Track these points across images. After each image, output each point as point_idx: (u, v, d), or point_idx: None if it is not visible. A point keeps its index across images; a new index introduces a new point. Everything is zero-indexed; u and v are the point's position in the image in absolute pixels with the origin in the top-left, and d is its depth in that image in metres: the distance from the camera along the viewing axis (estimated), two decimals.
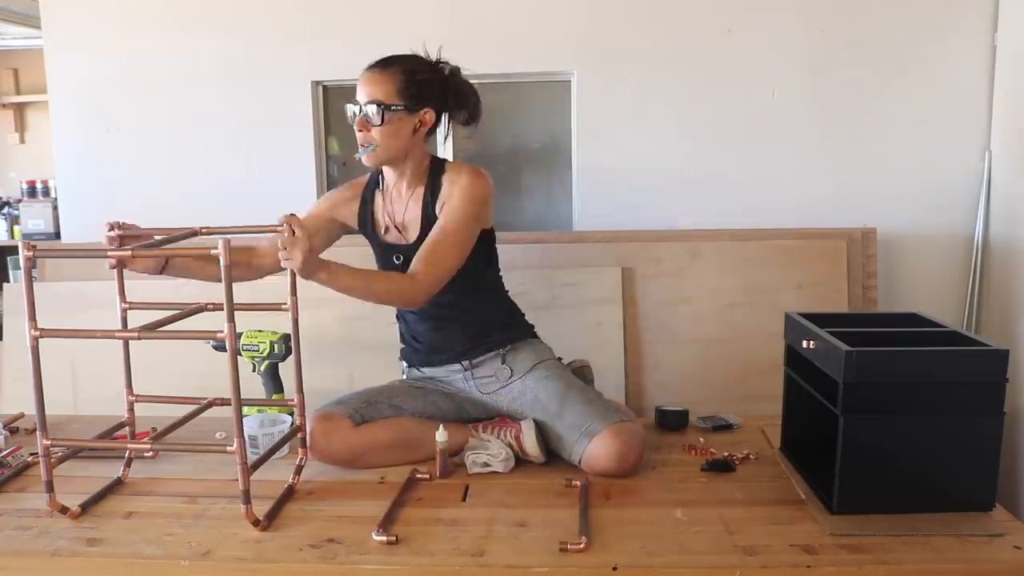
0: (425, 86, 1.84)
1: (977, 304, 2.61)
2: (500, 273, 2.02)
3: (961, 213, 2.64)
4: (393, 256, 1.94)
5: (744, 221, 2.68)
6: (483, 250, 1.92)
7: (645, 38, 2.68)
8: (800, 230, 2.63)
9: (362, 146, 1.84)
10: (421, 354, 2.01)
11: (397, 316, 2.06)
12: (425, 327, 1.96)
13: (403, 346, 2.07)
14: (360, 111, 1.81)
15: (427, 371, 2.01)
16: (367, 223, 1.99)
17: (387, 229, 1.96)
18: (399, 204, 1.93)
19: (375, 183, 1.99)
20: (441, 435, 1.75)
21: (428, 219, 1.87)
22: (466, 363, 1.95)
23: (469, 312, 1.93)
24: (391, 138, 1.82)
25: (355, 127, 1.83)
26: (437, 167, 1.92)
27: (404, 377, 2.06)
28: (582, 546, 1.41)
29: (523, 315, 2.04)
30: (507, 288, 2.05)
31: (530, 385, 1.91)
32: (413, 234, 1.90)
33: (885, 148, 2.66)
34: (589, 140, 2.74)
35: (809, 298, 2.50)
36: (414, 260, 1.78)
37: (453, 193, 1.84)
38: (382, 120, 1.79)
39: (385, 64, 1.82)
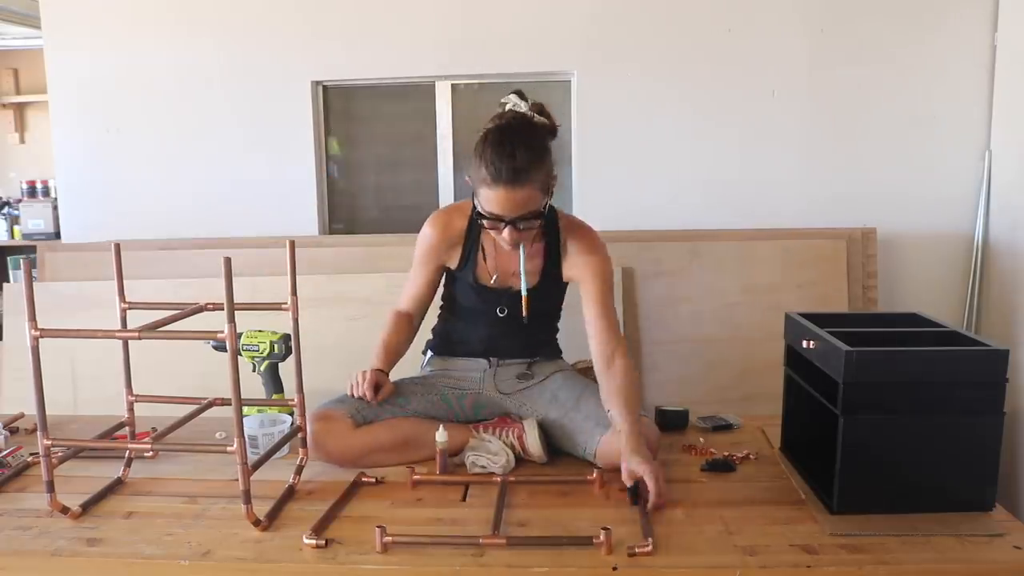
0: (551, 164, 1.77)
1: (977, 304, 2.61)
2: None
3: (961, 213, 2.64)
4: (495, 304, 1.90)
5: (744, 221, 2.69)
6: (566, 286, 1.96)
7: (645, 38, 2.68)
8: (800, 230, 2.63)
9: (514, 246, 1.78)
10: (454, 345, 2.01)
11: (444, 310, 2.06)
12: (488, 332, 1.96)
13: (431, 338, 2.08)
14: (508, 225, 1.71)
15: (450, 361, 2.01)
16: (468, 268, 1.91)
17: (494, 278, 1.90)
18: (514, 255, 1.85)
19: (478, 226, 1.84)
20: (441, 435, 1.75)
21: (548, 275, 1.90)
22: (494, 360, 1.97)
23: (536, 335, 1.98)
24: (538, 226, 1.79)
25: (502, 235, 1.74)
26: (550, 216, 1.88)
27: (424, 366, 2.06)
28: (649, 549, 1.40)
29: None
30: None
31: (548, 384, 1.95)
32: (528, 283, 1.86)
33: (885, 148, 2.66)
34: (589, 140, 2.74)
35: (809, 298, 2.50)
36: (605, 339, 1.81)
37: (592, 257, 1.87)
38: (536, 225, 1.76)
39: (523, 175, 1.67)
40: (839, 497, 1.53)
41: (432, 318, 2.07)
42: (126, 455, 1.80)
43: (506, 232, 1.72)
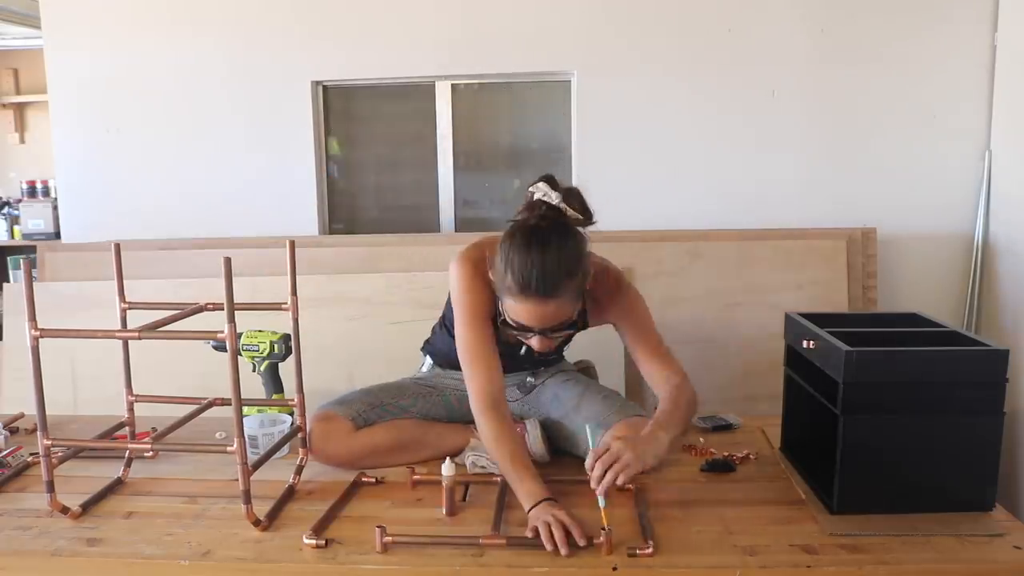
0: (586, 268, 1.58)
1: (977, 304, 2.61)
2: None
3: (961, 213, 2.64)
4: (519, 350, 1.71)
5: (744, 221, 2.69)
6: None
7: (645, 38, 2.68)
8: (800, 230, 2.63)
9: (544, 352, 1.65)
10: (455, 362, 1.81)
11: (445, 334, 1.93)
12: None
13: (435, 342, 2.02)
14: (537, 334, 1.57)
15: (450, 371, 1.99)
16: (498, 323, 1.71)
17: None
18: None
19: None
20: (448, 469, 1.57)
21: (574, 327, 1.72)
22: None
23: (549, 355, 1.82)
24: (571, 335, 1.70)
25: (530, 342, 1.61)
26: None
27: (423, 369, 2.04)
28: (650, 552, 1.39)
29: None
30: None
31: (549, 385, 1.94)
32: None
33: (885, 148, 2.66)
34: (589, 140, 2.74)
35: (809, 298, 2.51)
36: (661, 373, 1.72)
37: (631, 298, 1.77)
38: (569, 335, 1.67)
39: (556, 289, 1.50)
40: (839, 497, 1.53)
41: (428, 319, 2.07)
42: (126, 455, 1.80)
43: (535, 341, 1.58)
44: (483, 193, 2.99)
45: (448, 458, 1.61)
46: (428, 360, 2.04)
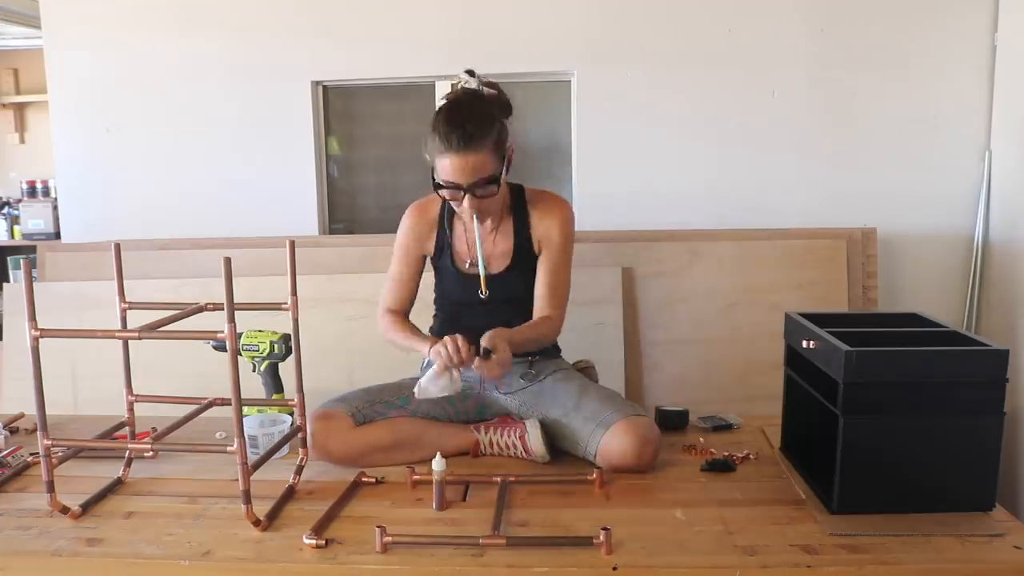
0: (504, 130, 1.83)
1: (977, 304, 2.61)
2: None
3: (961, 213, 2.64)
4: (477, 289, 1.91)
5: (744, 221, 2.68)
6: None
7: (645, 38, 2.68)
8: (800, 230, 2.63)
9: (475, 216, 1.81)
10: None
11: (437, 311, 2.07)
12: (478, 325, 1.89)
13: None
14: (466, 191, 1.77)
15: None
16: (445, 255, 1.98)
17: (469, 262, 1.94)
18: (485, 238, 1.92)
19: (449, 212, 1.96)
20: (438, 463, 1.61)
21: (521, 251, 1.93)
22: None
23: (520, 313, 1.96)
24: (499, 196, 1.84)
25: (460, 203, 1.80)
26: (516, 194, 1.96)
27: (424, 368, 2.05)
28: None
29: None
30: None
31: (548, 384, 1.94)
32: (501, 265, 1.93)
33: (885, 148, 2.66)
34: (589, 140, 2.74)
35: (809, 298, 2.50)
36: (541, 301, 1.91)
37: (552, 230, 1.92)
38: (494, 192, 1.80)
39: (474, 139, 1.74)
40: (839, 497, 1.53)
41: (429, 319, 2.07)
42: (126, 455, 1.80)
43: (465, 201, 1.77)
44: None
45: (439, 454, 1.61)
46: (426, 363, 2.05)
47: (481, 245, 1.86)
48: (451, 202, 1.84)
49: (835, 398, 1.52)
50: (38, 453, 1.53)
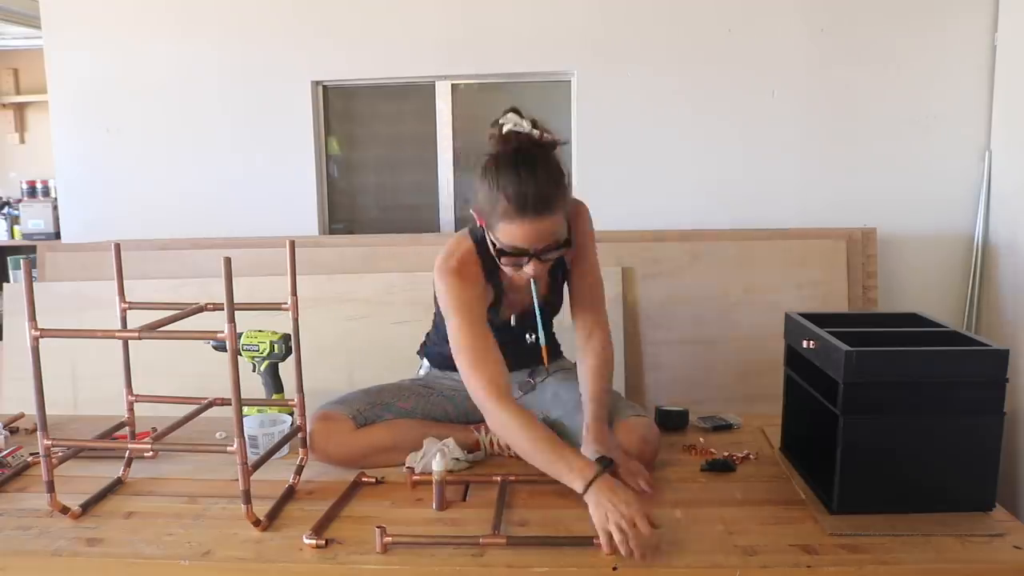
0: (569, 184, 1.59)
1: (977, 304, 2.61)
2: None
3: (961, 213, 2.64)
4: (526, 334, 1.77)
5: (744, 221, 2.69)
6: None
7: (645, 38, 2.68)
8: (800, 230, 2.63)
9: (534, 280, 1.64)
10: (453, 364, 1.84)
11: (442, 334, 1.94)
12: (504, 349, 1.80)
13: (430, 345, 2.04)
14: (533, 257, 1.56)
15: (448, 372, 1.99)
16: (495, 310, 1.78)
17: (513, 316, 1.80)
18: (525, 285, 1.70)
19: (489, 261, 1.67)
20: (438, 463, 1.58)
21: (556, 276, 1.79)
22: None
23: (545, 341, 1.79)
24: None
25: (524, 269, 1.59)
26: None
27: (421, 372, 2.05)
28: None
29: None
30: None
31: (549, 384, 1.94)
32: (543, 297, 1.77)
33: (885, 148, 2.66)
34: (589, 140, 2.74)
35: (809, 298, 2.51)
36: (585, 321, 1.76)
37: (583, 232, 1.73)
38: (570, 247, 1.63)
39: (553, 203, 1.52)
40: (839, 497, 1.53)
41: (428, 320, 2.07)
42: (126, 455, 1.80)
43: (530, 267, 1.57)
44: None
45: (439, 453, 1.61)
46: (425, 363, 2.04)
47: (538, 303, 1.69)
48: (506, 267, 1.62)
49: (835, 398, 1.52)
50: (38, 453, 1.53)
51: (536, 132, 1.58)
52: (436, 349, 1.99)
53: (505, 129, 1.58)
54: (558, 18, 2.70)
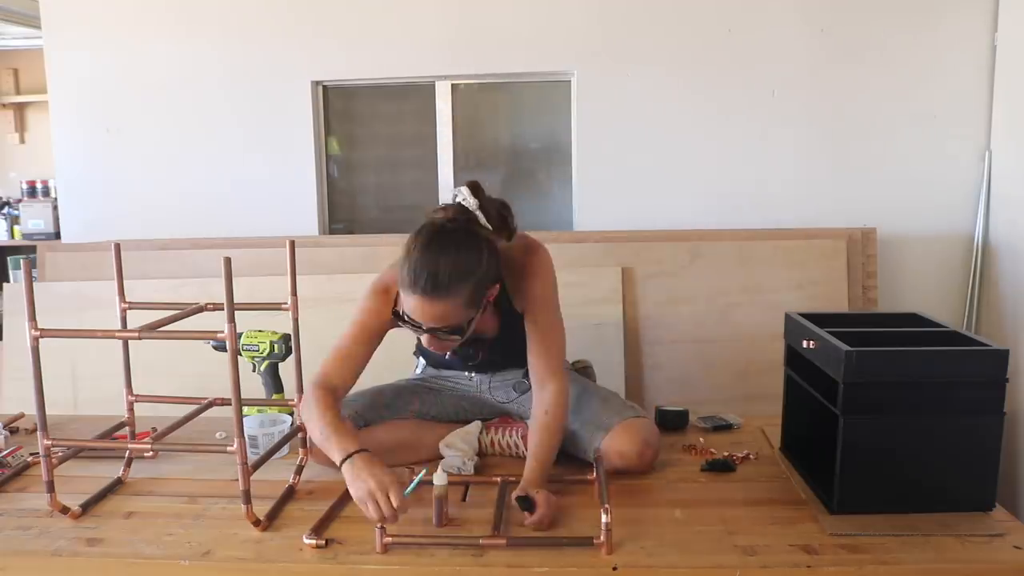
0: (486, 278, 1.56)
1: (977, 304, 2.61)
2: None
3: (961, 213, 2.64)
4: (467, 362, 1.87)
5: (744, 221, 2.69)
6: None
7: (645, 38, 2.68)
8: (800, 230, 2.63)
9: (444, 351, 1.67)
10: (442, 363, 1.96)
11: (421, 356, 2.03)
12: (472, 366, 1.91)
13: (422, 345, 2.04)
14: (426, 332, 1.57)
15: (444, 371, 2.00)
16: (421, 342, 1.75)
17: (447, 354, 1.82)
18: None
19: None
20: (439, 478, 1.55)
21: (508, 320, 1.76)
22: (487, 375, 1.96)
23: (521, 354, 1.79)
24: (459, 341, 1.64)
25: (423, 338, 1.61)
26: None
27: (417, 372, 2.05)
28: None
29: None
30: None
31: None
32: (489, 332, 1.79)
33: (885, 148, 2.66)
34: (589, 140, 2.74)
35: (809, 298, 2.51)
36: (538, 369, 1.70)
37: (529, 291, 1.71)
38: (457, 340, 1.62)
39: (443, 290, 1.50)
40: (839, 497, 1.53)
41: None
42: (126, 455, 1.80)
43: (424, 338, 1.59)
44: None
45: (440, 467, 1.60)
46: (421, 362, 2.05)
47: (486, 332, 1.73)
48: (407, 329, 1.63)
49: (835, 398, 1.52)
50: (38, 453, 1.53)
51: (479, 215, 1.58)
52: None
53: (455, 200, 1.60)
54: (558, 18, 2.70)
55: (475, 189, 1.61)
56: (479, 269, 1.54)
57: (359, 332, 1.71)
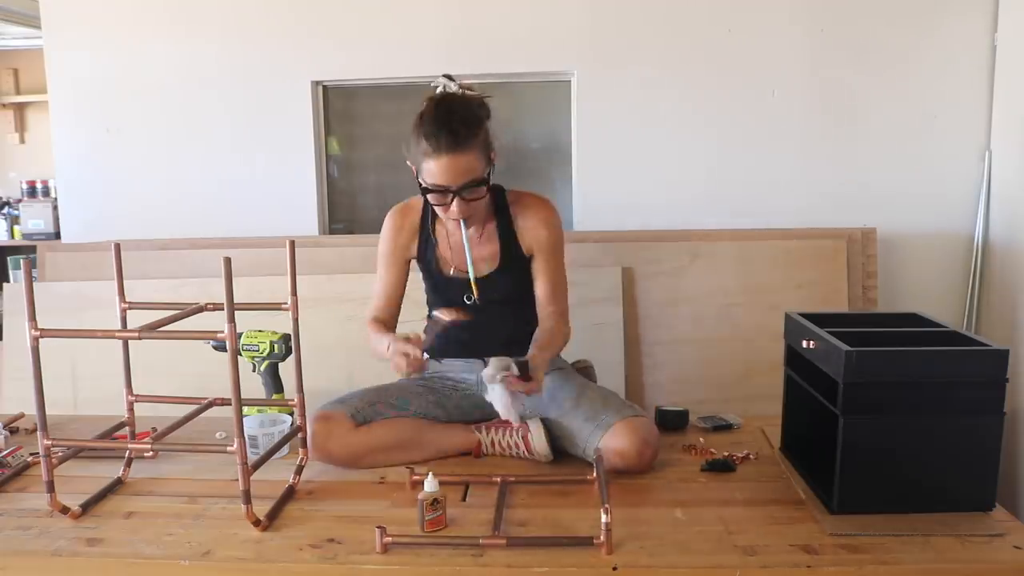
0: (488, 133, 1.81)
1: (977, 304, 2.61)
2: None
3: (961, 213, 2.64)
4: (464, 295, 1.93)
5: (744, 221, 2.68)
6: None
7: (645, 38, 2.68)
8: (800, 230, 2.63)
9: (461, 219, 1.80)
10: (443, 347, 1.99)
11: (429, 312, 2.04)
12: (474, 333, 1.94)
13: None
14: (454, 194, 1.75)
15: (446, 363, 2.01)
16: (430, 260, 1.98)
17: (453, 268, 1.94)
18: (471, 242, 1.88)
19: (431, 215, 1.94)
20: (430, 484, 1.55)
21: (508, 253, 1.92)
22: (487, 361, 1.95)
23: (522, 325, 1.96)
24: (484, 200, 1.83)
25: (447, 207, 1.78)
26: (498, 196, 1.95)
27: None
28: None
29: None
30: None
31: (547, 384, 1.92)
32: (488, 268, 1.93)
33: (885, 148, 2.66)
34: (589, 140, 2.74)
35: (809, 298, 2.50)
36: (547, 308, 1.93)
37: (539, 232, 1.92)
38: (483, 194, 1.79)
39: (463, 140, 1.72)
40: (839, 497, 1.53)
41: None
42: (126, 455, 1.80)
43: (454, 205, 1.75)
44: None
45: (430, 475, 1.59)
46: (425, 357, 2.04)
47: (469, 250, 1.85)
48: (437, 207, 1.82)
49: (835, 398, 1.52)
50: (38, 453, 1.53)
51: (459, 91, 1.82)
52: (433, 339, 2.00)
53: (437, 91, 1.84)
54: (558, 18, 2.70)
55: (450, 77, 1.86)
56: (485, 118, 1.79)
57: (384, 260, 1.99)
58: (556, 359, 2.04)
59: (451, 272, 1.95)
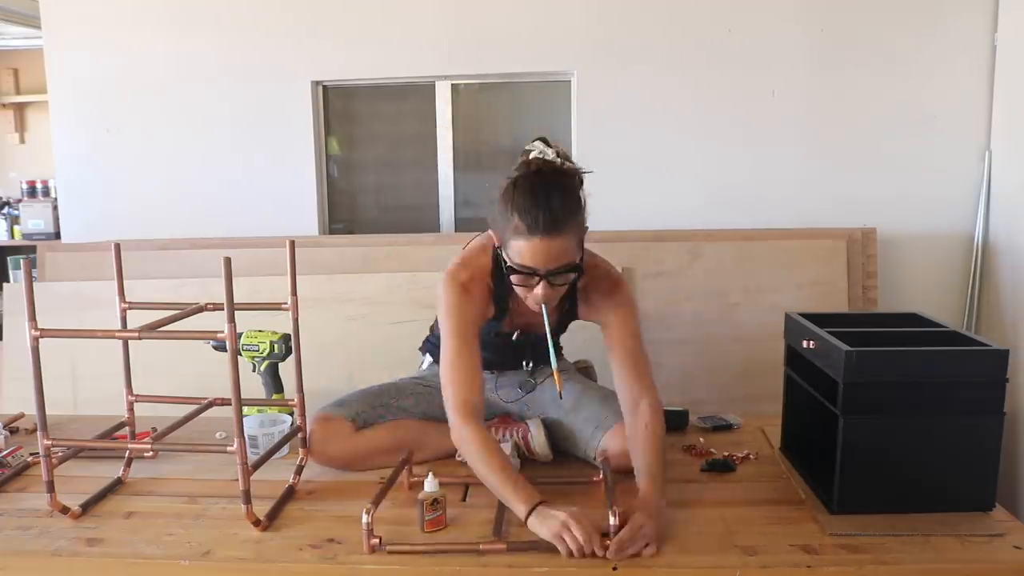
0: (584, 215, 1.60)
1: (977, 304, 2.61)
2: None
3: (961, 213, 2.64)
4: (509, 339, 1.82)
5: (744, 221, 2.69)
6: None
7: (645, 38, 2.68)
8: (800, 230, 2.63)
9: (544, 303, 1.60)
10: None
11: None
12: (494, 355, 1.84)
13: (429, 337, 2.04)
14: (543, 278, 1.55)
15: None
16: (494, 323, 1.79)
17: (517, 332, 1.82)
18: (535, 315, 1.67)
19: (499, 278, 1.69)
20: (431, 484, 1.53)
21: (564, 315, 1.79)
22: (496, 372, 1.95)
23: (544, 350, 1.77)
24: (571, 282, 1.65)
25: (530, 289, 1.58)
26: None
27: (423, 368, 2.04)
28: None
29: None
30: None
31: (548, 384, 1.92)
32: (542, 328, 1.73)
33: (885, 148, 2.66)
34: (589, 140, 2.74)
35: (809, 298, 2.51)
36: (632, 390, 1.70)
37: (628, 317, 1.73)
38: (571, 280, 1.62)
39: (561, 224, 1.51)
40: (839, 497, 1.53)
41: (427, 319, 2.07)
42: (126, 455, 1.80)
43: (539, 288, 1.56)
44: (483, 193, 2.99)
45: (430, 474, 1.58)
46: (428, 358, 2.04)
47: (551, 334, 1.65)
48: (518, 287, 1.61)
49: (835, 398, 1.52)
50: (38, 453, 1.53)
51: (559, 161, 1.59)
52: (439, 345, 1.98)
53: (531, 156, 1.61)
54: (558, 18, 2.70)
55: (547, 142, 1.63)
56: (582, 205, 1.59)
57: (465, 332, 1.67)
58: (561, 360, 2.02)
59: (515, 336, 1.82)
